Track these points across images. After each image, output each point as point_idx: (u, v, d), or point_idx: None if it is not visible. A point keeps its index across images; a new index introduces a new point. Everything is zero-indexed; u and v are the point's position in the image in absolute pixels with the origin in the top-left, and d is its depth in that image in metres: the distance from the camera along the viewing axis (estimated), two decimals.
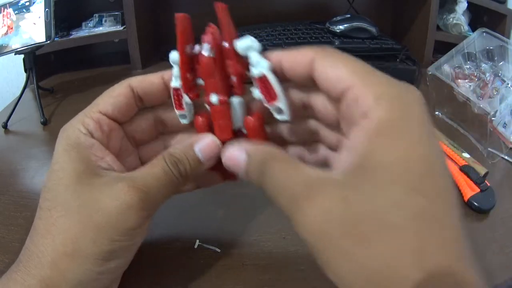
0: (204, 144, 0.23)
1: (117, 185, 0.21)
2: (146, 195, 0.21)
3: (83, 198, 0.21)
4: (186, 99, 0.24)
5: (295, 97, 0.23)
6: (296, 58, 0.21)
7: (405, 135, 0.17)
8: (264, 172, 0.20)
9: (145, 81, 0.24)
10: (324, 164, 0.24)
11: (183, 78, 0.23)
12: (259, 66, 0.21)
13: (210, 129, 0.24)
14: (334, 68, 0.20)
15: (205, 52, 0.21)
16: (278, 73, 0.21)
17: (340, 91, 0.19)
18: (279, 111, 0.22)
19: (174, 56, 0.23)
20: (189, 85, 0.23)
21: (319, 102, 0.22)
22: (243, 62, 0.22)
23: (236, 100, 0.23)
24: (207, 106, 0.23)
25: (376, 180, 0.16)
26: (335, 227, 0.16)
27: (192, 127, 0.25)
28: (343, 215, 0.16)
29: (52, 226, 0.21)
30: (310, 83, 0.21)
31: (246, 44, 0.21)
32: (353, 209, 0.16)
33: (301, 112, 0.23)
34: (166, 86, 0.25)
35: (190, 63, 0.23)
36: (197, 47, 0.22)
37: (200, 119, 0.24)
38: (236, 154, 0.22)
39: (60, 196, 0.21)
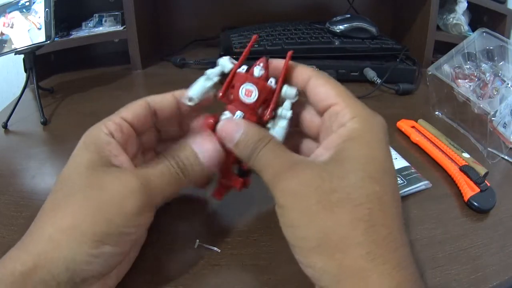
0: (205, 147, 0.26)
1: (122, 173, 0.23)
2: (148, 183, 0.23)
3: (89, 180, 0.22)
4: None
5: (305, 117, 0.28)
6: (300, 74, 0.27)
7: (369, 142, 0.23)
8: (255, 150, 0.24)
9: (160, 99, 0.28)
10: None
11: (227, 83, 0.27)
12: (287, 112, 0.26)
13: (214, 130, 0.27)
14: (324, 87, 0.25)
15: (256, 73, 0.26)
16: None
17: (326, 106, 0.25)
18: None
19: (226, 62, 0.28)
20: (226, 91, 0.27)
21: (307, 116, 0.28)
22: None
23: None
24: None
25: (345, 167, 0.22)
26: (311, 193, 0.21)
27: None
28: (319, 186, 0.21)
29: (56, 204, 0.22)
30: (302, 95, 0.27)
31: (292, 94, 0.26)
32: (326, 184, 0.21)
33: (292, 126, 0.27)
34: (177, 102, 0.28)
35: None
36: (244, 66, 0.27)
37: (210, 120, 0.27)
38: (233, 128, 0.25)
39: (69, 179, 0.23)
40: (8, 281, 0.20)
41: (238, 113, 0.26)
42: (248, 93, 0.26)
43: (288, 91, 0.26)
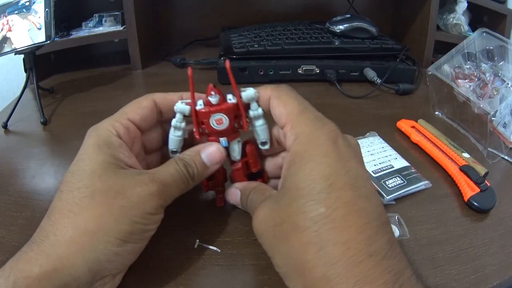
0: (209, 151, 0.28)
1: (140, 176, 0.24)
2: (164, 187, 0.25)
3: (108, 182, 0.23)
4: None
5: (274, 133, 0.29)
6: (262, 95, 0.27)
7: (311, 161, 0.22)
8: (247, 199, 0.28)
9: (167, 98, 0.29)
10: None
11: (196, 124, 0.28)
12: (257, 111, 0.28)
13: None
14: (278, 107, 0.26)
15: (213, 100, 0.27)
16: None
17: (282, 127, 0.26)
18: (264, 144, 0.29)
19: (182, 107, 0.28)
20: (199, 132, 0.29)
21: (276, 134, 0.29)
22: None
23: (235, 141, 0.30)
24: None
25: (288, 196, 0.22)
26: (267, 229, 0.23)
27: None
28: (270, 221, 0.23)
29: (75, 206, 0.22)
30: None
31: (251, 95, 0.27)
32: (276, 216, 0.23)
33: (276, 146, 0.29)
34: None
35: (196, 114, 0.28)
36: (200, 101, 0.28)
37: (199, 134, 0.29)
38: (234, 192, 0.30)
39: (85, 179, 0.23)
40: (23, 284, 0.20)
41: (222, 141, 0.29)
42: (219, 121, 0.28)
43: (248, 95, 0.28)
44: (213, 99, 0.27)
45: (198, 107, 0.28)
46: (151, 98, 0.29)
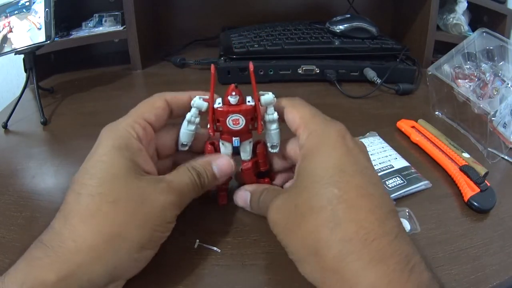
0: (220, 163, 0.29)
1: (160, 184, 0.25)
2: (182, 196, 0.26)
3: (132, 189, 0.23)
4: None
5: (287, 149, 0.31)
6: (277, 105, 0.29)
7: (324, 151, 0.24)
8: (258, 201, 0.29)
9: (178, 98, 0.29)
10: None
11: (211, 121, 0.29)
12: (273, 115, 0.29)
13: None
14: (291, 114, 0.28)
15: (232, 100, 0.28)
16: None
17: (295, 131, 0.28)
18: (274, 147, 0.30)
19: (200, 102, 0.29)
20: (214, 129, 0.29)
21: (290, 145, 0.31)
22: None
23: (247, 142, 0.30)
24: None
25: (303, 183, 0.24)
26: (284, 216, 0.24)
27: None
28: (286, 208, 0.24)
29: (97, 212, 0.22)
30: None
31: (269, 100, 0.28)
32: (291, 203, 0.24)
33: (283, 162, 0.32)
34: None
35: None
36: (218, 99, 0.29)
37: (209, 146, 0.31)
38: (243, 194, 0.31)
39: (107, 184, 0.23)
40: None
41: (235, 140, 0.29)
42: (235, 122, 0.28)
43: (266, 99, 0.28)
44: (233, 100, 0.27)
45: (216, 105, 0.28)
46: (163, 97, 0.29)
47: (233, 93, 0.27)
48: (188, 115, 0.29)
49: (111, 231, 0.22)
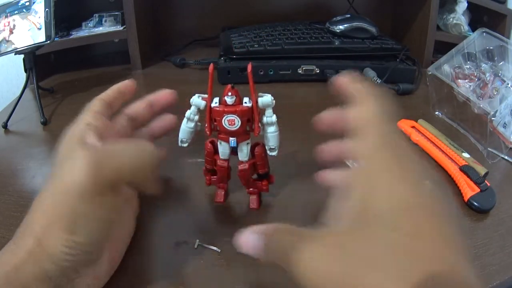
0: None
1: (82, 152, 0.24)
2: (99, 159, 0.23)
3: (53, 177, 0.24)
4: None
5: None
6: (350, 89, 0.28)
7: (373, 182, 0.20)
8: (272, 243, 0.21)
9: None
10: None
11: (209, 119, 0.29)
12: (271, 118, 0.29)
13: (215, 152, 0.31)
14: (353, 111, 0.26)
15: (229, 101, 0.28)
16: None
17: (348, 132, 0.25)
18: (273, 150, 0.30)
19: (198, 101, 0.29)
20: (211, 128, 0.29)
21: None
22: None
23: (245, 143, 0.30)
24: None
25: (359, 225, 0.19)
26: (334, 267, 0.18)
27: None
28: (340, 257, 0.18)
29: (40, 202, 0.23)
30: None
31: (267, 102, 0.28)
32: (344, 249, 0.19)
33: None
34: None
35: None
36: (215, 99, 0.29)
37: (209, 145, 0.31)
38: (248, 237, 0.22)
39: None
40: (3, 271, 0.21)
41: (232, 140, 0.29)
42: (231, 122, 0.28)
43: (264, 101, 0.28)
44: (229, 100, 0.27)
45: (213, 105, 0.28)
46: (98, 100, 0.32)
47: (229, 94, 0.27)
48: (188, 113, 0.30)
49: (44, 220, 0.22)
